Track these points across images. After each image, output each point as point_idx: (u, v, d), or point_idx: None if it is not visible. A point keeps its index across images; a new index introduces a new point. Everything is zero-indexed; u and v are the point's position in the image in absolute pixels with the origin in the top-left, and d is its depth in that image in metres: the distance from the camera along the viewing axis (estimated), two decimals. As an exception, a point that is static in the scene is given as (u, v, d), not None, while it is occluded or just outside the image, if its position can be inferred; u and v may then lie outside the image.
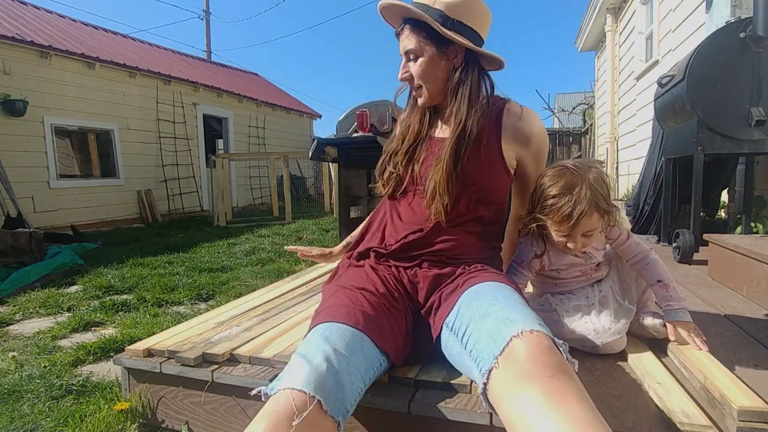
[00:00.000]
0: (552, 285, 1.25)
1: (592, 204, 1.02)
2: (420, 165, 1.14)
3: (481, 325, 0.86)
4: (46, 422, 1.30)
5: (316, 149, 3.87)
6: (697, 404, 0.88)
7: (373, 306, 0.97)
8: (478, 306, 0.91)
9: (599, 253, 1.19)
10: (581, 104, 12.92)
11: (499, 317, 0.84)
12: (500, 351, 0.77)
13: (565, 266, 1.18)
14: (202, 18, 16.16)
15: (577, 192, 1.02)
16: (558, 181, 1.05)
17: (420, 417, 0.95)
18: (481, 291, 0.96)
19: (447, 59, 1.09)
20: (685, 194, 3.04)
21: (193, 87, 8.57)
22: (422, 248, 1.10)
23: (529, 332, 0.78)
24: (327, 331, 0.88)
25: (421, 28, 1.07)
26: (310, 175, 11.34)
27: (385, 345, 0.93)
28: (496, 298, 0.91)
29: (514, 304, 0.89)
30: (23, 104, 5.61)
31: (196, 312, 2.48)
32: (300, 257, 1.42)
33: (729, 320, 1.48)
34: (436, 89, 1.11)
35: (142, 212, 7.43)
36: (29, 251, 3.55)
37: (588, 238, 1.08)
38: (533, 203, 1.11)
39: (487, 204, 1.12)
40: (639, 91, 5.92)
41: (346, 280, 1.07)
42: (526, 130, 1.12)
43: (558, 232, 1.08)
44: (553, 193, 1.04)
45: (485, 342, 0.82)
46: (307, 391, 0.74)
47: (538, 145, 1.14)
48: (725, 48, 2.47)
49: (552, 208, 1.04)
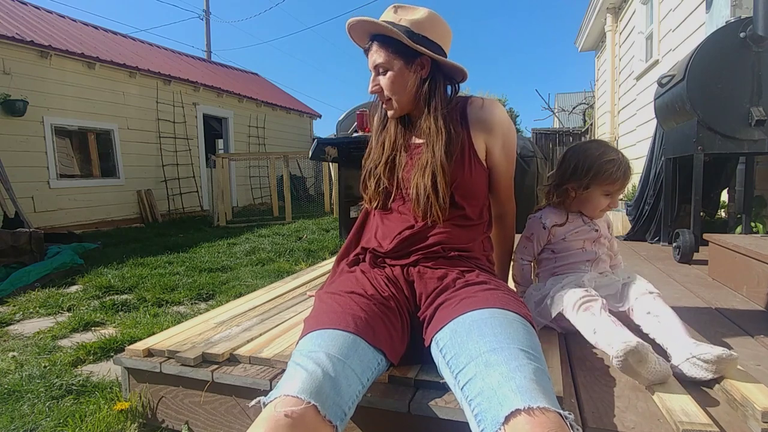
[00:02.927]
0: (552, 261, 1.36)
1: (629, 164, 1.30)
2: (402, 171, 1.18)
3: (484, 374, 0.78)
4: (46, 422, 1.30)
5: (316, 149, 3.87)
6: (697, 404, 0.88)
7: (363, 308, 0.96)
8: (480, 342, 0.84)
9: (603, 227, 1.37)
10: (581, 104, 12.91)
11: (506, 375, 0.76)
12: (504, 419, 0.70)
13: (572, 233, 1.34)
14: (202, 18, 16.18)
15: (621, 155, 1.29)
16: (607, 149, 1.29)
17: (420, 417, 0.95)
18: (483, 323, 0.88)
19: (414, 71, 1.14)
20: (685, 194, 3.04)
21: (193, 87, 8.57)
22: (417, 243, 1.13)
23: (538, 410, 0.70)
24: (319, 338, 0.88)
25: (389, 44, 1.13)
26: (310, 175, 11.34)
27: (379, 344, 0.93)
28: (500, 343, 0.82)
29: (518, 355, 0.80)
30: (23, 104, 5.61)
31: (196, 312, 2.48)
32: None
33: (729, 320, 1.48)
34: (405, 100, 1.17)
35: (142, 212, 7.43)
36: (29, 251, 3.55)
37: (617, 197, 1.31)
38: (584, 174, 1.27)
39: (469, 198, 1.16)
40: (639, 91, 5.92)
41: (336, 286, 1.08)
42: (489, 117, 1.18)
43: (604, 194, 1.28)
44: (612, 157, 1.26)
45: (490, 399, 0.74)
46: (304, 398, 0.74)
47: (503, 131, 1.19)
48: (725, 48, 2.47)
49: (610, 170, 1.25)
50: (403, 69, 1.14)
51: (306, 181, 11.12)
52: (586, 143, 1.38)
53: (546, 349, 1.08)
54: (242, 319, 1.49)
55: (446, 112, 1.15)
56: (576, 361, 1.12)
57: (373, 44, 1.16)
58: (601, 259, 1.35)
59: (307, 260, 3.87)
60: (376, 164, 1.22)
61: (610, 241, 1.41)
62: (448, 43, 1.20)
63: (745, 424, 0.85)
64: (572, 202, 1.33)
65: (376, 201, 1.21)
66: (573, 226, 1.34)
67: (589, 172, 1.27)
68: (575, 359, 1.14)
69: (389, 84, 1.15)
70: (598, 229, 1.34)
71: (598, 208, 1.32)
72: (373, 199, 1.22)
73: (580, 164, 1.28)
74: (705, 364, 0.95)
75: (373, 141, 1.28)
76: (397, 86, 1.15)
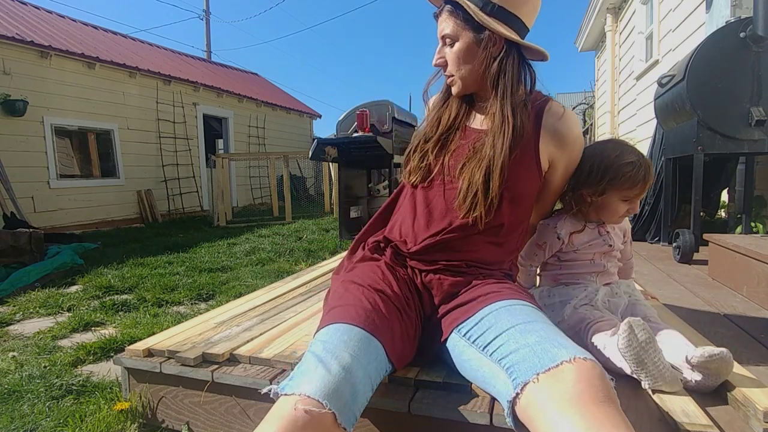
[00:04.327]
0: (557, 268, 1.29)
1: (649, 166, 1.16)
2: (451, 156, 1.07)
3: (519, 338, 0.81)
4: (46, 422, 1.30)
5: (316, 149, 3.87)
6: (697, 404, 0.88)
7: (389, 310, 0.94)
8: (511, 320, 0.87)
9: (618, 240, 1.27)
10: (581, 104, 12.91)
11: (545, 337, 0.79)
12: (545, 368, 0.73)
13: (585, 246, 1.25)
14: (202, 18, 16.18)
15: (643, 157, 1.16)
16: (625, 150, 1.16)
17: (420, 417, 0.95)
18: (512, 307, 0.91)
19: (485, 47, 1.00)
20: (685, 194, 3.04)
21: (193, 87, 8.57)
22: (444, 251, 1.04)
23: (582, 359, 0.73)
24: (346, 335, 0.85)
25: (459, 12, 1.00)
26: (310, 175, 11.34)
27: (392, 353, 0.91)
28: (533, 319, 0.87)
29: (555, 330, 0.84)
30: (23, 104, 5.61)
31: (196, 312, 2.48)
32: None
33: (729, 320, 1.48)
34: (471, 78, 1.04)
35: (142, 212, 7.43)
36: (29, 251, 3.55)
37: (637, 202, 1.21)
38: (600, 179, 1.15)
39: (516, 204, 1.05)
40: (639, 91, 5.92)
41: (361, 275, 1.03)
42: (565, 132, 1.06)
43: (622, 199, 1.17)
44: (630, 160, 1.14)
45: (525, 355, 0.77)
46: (324, 403, 0.72)
47: (573, 148, 1.09)
48: (725, 48, 2.47)
49: (627, 174, 1.13)
50: (472, 43, 1.00)
51: (306, 181, 11.12)
52: (602, 143, 1.25)
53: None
54: (242, 319, 1.49)
55: (517, 101, 1.01)
56: (576, 361, 1.12)
57: (444, 10, 1.03)
58: (608, 272, 1.27)
59: (307, 260, 3.87)
60: (427, 138, 1.10)
61: (625, 246, 1.33)
62: (533, 16, 1.05)
63: (746, 425, 0.85)
64: (589, 209, 1.22)
65: (416, 176, 1.09)
66: (588, 238, 1.24)
67: (605, 177, 1.15)
68: (575, 359, 1.13)
69: (455, 58, 1.03)
70: (612, 244, 1.25)
71: (617, 215, 1.21)
72: (413, 173, 1.09)
73: (595, 167, 1.16)
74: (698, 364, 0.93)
75: (430, 115, 1.15)
76: (463, 61, 1.02)
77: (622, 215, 1.21)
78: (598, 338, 1.08)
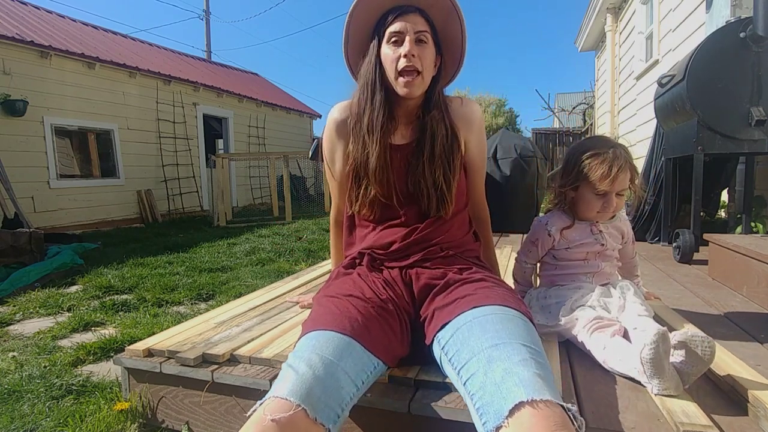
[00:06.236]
0: (553, 268, 1.32)
1: (625, 161, 1.17)
2: (394, 173, 1.13)
3: (487, 370, 0.78)
4: (46, 422, 1.30)
5: (316, 149, 3.88)
6: (697, 404, 0.88)
7: (360, 311, 0.96)
8: (482, 338, 0.84)
9: (612, 240, 1.28)
10: (581, 104, 12.92)
11: (508, 370, 0.76)
12: (508, 411, 0.71)
13: (576, 244, 1.26)
14: (202, 18, 16.19)
15: (613, 150, 1.17)
16: (599, 143, 1.20)
17: (420, 417, 0.95)
18: (485, 318, 0.89)
19: (437, 60, 1.15)
20: (685, 194, 3.04)
21: (193, 87, 8.56)
22: (417, 244, 1.12)
23: (542, 402, 0.70)
24: (314, 339, 0.88)
25: (428, 23, 1.11)
26: (310, 175, 11.33)
27: (375, 348, 0.92)
28: (502, 339, 0.83)
29: (520, 350, 0.80)
30: (23, 104, 5.61)
31: (196, 312, 2.48)
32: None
33: (729, 320, 1.48)
34: (426, 83, 1.12)
35: (142, 212, 7.43)
36: (29, 251, 3.55)
37: (620, 199, 1.21)
38: (570, 172, 1.21)
39: (460, 191, 1.18)
40: (639, 90, 5.92)
41: (333, 289, 1.07)
42: (469, 113, 1.20)
43: (595, 194, 1.19)
44: (599, 152, 1.17)
45: (492, 395, 0.75)
46: (293, 401, 0.74)
47: (479, 127, 1.22)
48: (725, 48, 2.47)
49: (592, 164, 1.16)
50: (433, 51, 1.12)
51: (306, 181, 11.12)
52: (586, 139, 1.31)
53: (546, 348, 1.08)
54: (242, 319, 1.49)
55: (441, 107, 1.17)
56: (576, 361, 1.12)
57: (417, 12, 1.09)
58: (604, 272, 1.27)
59: (307, 260, 3.87)
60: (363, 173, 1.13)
61: (625, 246, 1.35)
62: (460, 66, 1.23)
63: (746, 425, 0.85)
64: (572, 205, 1.26)
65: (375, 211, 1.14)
66: (578, 236, 1.26)
67: (574, 170, 1.21)
68: (575, 359, 1.13)
69: (426, 56, 1.08)
70: (604, 243, 1.25)
71: (593, 210, 1.22)
72: (372, 210, 1.14)
73: (571, 162, 1.23)
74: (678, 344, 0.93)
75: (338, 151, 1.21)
76: (427, 64, 1.09)
77: (600, 211, 1.22)
78: (596, 338, 1.09)
